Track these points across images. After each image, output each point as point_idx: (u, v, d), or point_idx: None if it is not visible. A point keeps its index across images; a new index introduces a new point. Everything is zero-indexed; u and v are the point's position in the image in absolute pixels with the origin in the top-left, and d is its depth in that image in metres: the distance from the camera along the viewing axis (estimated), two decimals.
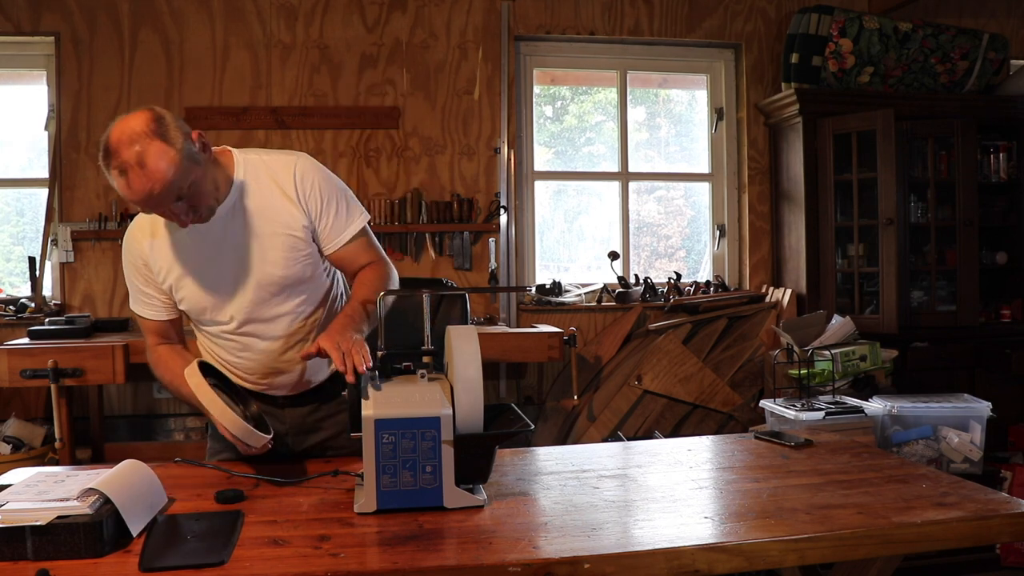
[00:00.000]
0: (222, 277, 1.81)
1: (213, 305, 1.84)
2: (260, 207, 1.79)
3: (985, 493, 1.59)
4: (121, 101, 3.93)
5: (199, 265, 1.81)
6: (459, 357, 1.54)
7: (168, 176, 1.58)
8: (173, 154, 1.60)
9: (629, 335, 4.08)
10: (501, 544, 1.35)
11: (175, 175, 1.59)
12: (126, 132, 1.59)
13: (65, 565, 1.26)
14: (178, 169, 1.60)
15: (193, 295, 1.83)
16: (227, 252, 1.80)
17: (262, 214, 1.79)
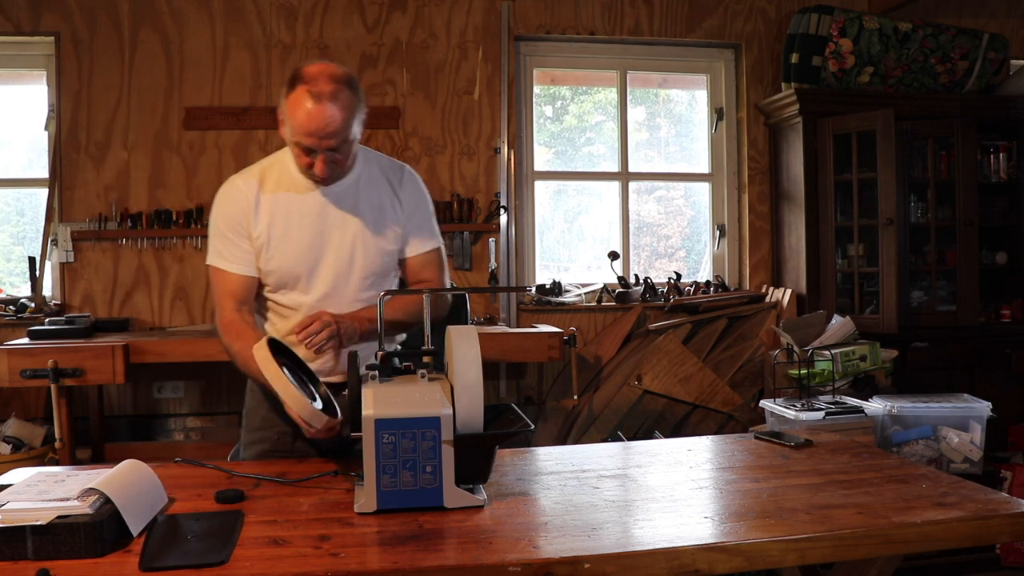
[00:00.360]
0: (320, 248, 1.89)
1: (300, 275, 1.90)
2: (372, 196, 1.93)
3: (985, 493, 1.59)
4: (121, 101, 3.93)
5: (302, 231, 1.88)
6: (459, 357, 1.54)
7: (349, 123, 1.76)
8: (357, 109, 1.79)
9: (629, 335, 4.08)
10: (501, 544, 1.35)
11: (353, 126, 1.77)
12: (329, 70, 1.76)
13: (65, 565, 1.26)
14: (353, 123, 1.77)
15: (285, 259, 1.88)
16: (333, 227, 1.89)
17: (373, 203, 1.92)
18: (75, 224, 3.89)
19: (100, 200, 3.91)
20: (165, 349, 3.33)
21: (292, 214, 1.88)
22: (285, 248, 1.88)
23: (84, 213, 3.89)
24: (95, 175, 3.92)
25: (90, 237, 3.88)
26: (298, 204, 1.88)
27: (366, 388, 1.55)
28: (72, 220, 3.89)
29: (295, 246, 1.88)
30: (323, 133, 1.74)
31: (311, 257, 1.89)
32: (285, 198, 1.88)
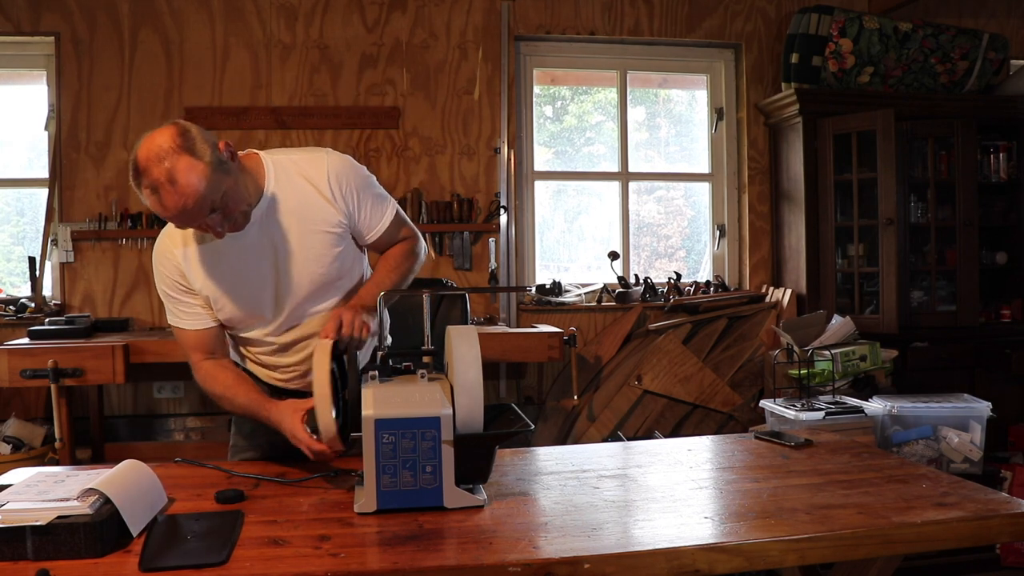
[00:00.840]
0: (263, 281, 1.81)
1: (254, 311, 1.84)
2: (296, 207, 1.79)
3: (985, 493, 1.59)
4: (121, 101, 3.93)
5: (238, 273, 1.79)
6: (459, 357, 1.54)
7: (200, 190, 1.57)
8: (202, 167, 1.59)
9: (629, 335, 4.08)
10: (501, 544, 1.35)
11: (206, 188, 1.58)
12: (153, 150, 1.58)
13: (65, 565, 1.26)
14: (209, 182, 1.59)
15: (234, 304, 1.81)
16: (266, 256, 1.80)
17: (299, 214, 1.79)
18: (75, 224, 3.89)
19: (100, 200, 3.91)
20: (165, 349, 3.33)
21: (222, 259, 1.78)
22: (228, 295, 1.80)
23: (84, 213, 3.89)
24: (95, 175, 3.91)
25: (90, 237, 3.88)
26: (225, 247, 1.77)
27: (366, 388, 1.55)
28: (72, 220, 3.89)
29: (236, 290, 1.80)
30: (186, 216, 1.60)
31: (255, 294, 1.82)
32: (209, 247, 1.78)
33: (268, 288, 1.82)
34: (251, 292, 1.82)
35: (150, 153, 1.58)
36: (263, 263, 1.80)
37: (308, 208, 1.80)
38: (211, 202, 1.60)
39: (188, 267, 1.79)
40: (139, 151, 1.60)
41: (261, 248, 1.79)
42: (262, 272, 1.81)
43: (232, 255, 1.78)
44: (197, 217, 1.61)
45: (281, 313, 1.85)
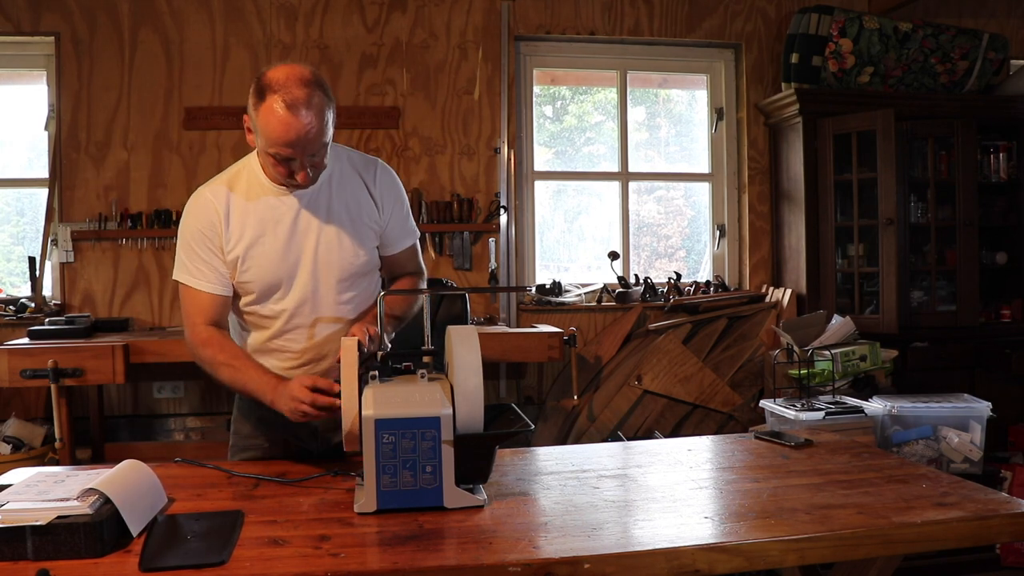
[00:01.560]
0: (297, 253, 1.82)
1: (278, 281, 1.83)
2: (346, 194, 1.85)
3: (985, 493, 1.59)
4: (121, 101, 3.93)
5: (276, 238, 1.80)
6: (459, 357, 1.54)
7: (324, 127, 1.67)
8: (330, 109, 1.69)
9: (629, 335, 4.08)
10: (501, 544, 1.35)
11: (327, 129, 1.68)
12: (296, 73, 1.65)
13: (65, 565, 1.26)
14: (328, 125, 1.68)
15: (261, 269, 1.80)
16: (308, 231, 1.82)
17: (348, 201, 1.85)
18: (75, 224, 3.89)
19: (100, 200, 3.91)
20: (165, 349, 3.33)
21: (265, 222, 1.80)
22: (260, 258, 1.80)
23: (84, 213, 3.89)
24: (95, 175, 3.91)
25: (90, 237, 3.88)
26: (271, 211, 1.80)
27: (366, 388, 1.55)
28: (72, 220, 3.89)
29: (270, 255, 1.80)
30: (302, 143, 1.64)
31: (287, 264, 1.81)
32: (256, 206, 1.79)
33: (302, 260, 1.82)
34: (285, 259, 1.81)
35: (293, 74, 1.65)
36: (304, 237, 1.82)
37: (357, 199, 1.87)
38: (322, 143, 1.68)
39: (229, 221, 1.79)
40: (276, 71, 1.66)
41: (308, 219, 1.82)
42: (300, 244, 1.82)
43: (277, 220, 1.80)
44: (308, 148, 1.66)
45: (302, 290, 1.83)
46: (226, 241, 1.79)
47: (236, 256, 1.80)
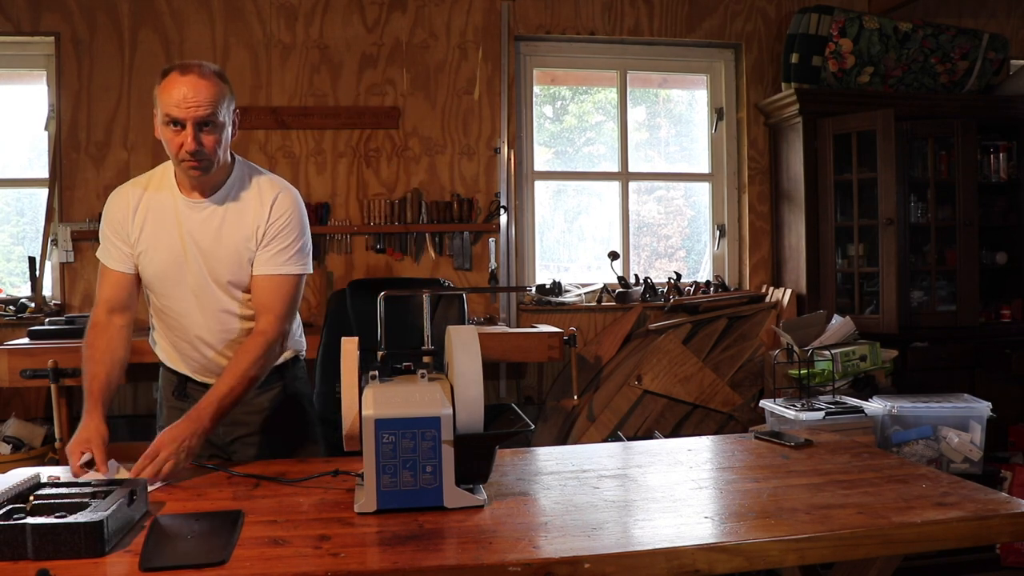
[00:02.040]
0: (184, 255, 1.95)
1: (168, 279, 1.97)
2: (242, 208, 1.96)
3: (985, 493, 1.59)
4: (121, 101, 3.93)
5: (169, 236, 1.95)
6: (459, 357, 1.54)
7: (217, 97, 1.83)
8: (226, 94, 1.88)
9: (629, 335, 4.08)
10: (501, 544, 1.35)
11: (220, 103, 1.84)
12: (199, 62, 1.88)
13: (65, 565, 1.26)
14: (222, 103, 1.85)
15: (154, 263, 1.96)
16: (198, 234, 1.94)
17: (243, 215, 1.95)
18: (75, 224, 3.88)
19: (100, 200, 3.90)
20: None
21: (163, 220, 1.95)
22: (154, 252, 1.95)
23: (84, 213, 3.89)
24: (95, 175, 3.91)
25: (90, 237, 3.88)
26: (169, 210, 1.95)
27: (366, 388, 1.55)
28: (72, 220, 3.89)
29: (163, 251, 1.95)
30: (192, 101, 1.79)
31: (175, 262, 1.95)
32: (158, 204, 1.96)
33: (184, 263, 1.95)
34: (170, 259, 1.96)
35: (198, 61, 1.88)
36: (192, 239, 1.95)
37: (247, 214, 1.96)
38: (213, 112, 1.82)
39: (135, 216, 1.96)
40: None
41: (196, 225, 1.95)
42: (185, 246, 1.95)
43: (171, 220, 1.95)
44: (196, 109, 1.80)
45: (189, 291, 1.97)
46: (132, 232, 1.97)
47: (138, 247, 1.97)
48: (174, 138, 1.84)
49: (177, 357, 2.08)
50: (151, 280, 1.99)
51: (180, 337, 2.03)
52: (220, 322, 1.99)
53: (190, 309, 1.98)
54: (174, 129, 1.83)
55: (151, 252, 1.96)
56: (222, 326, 2.00)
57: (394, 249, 4.08)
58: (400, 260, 4.10)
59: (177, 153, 1.85)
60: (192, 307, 1.98)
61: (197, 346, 2.02)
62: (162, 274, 1.97)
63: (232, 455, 2.08)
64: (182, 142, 1.82)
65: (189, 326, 2.00)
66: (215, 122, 1.84)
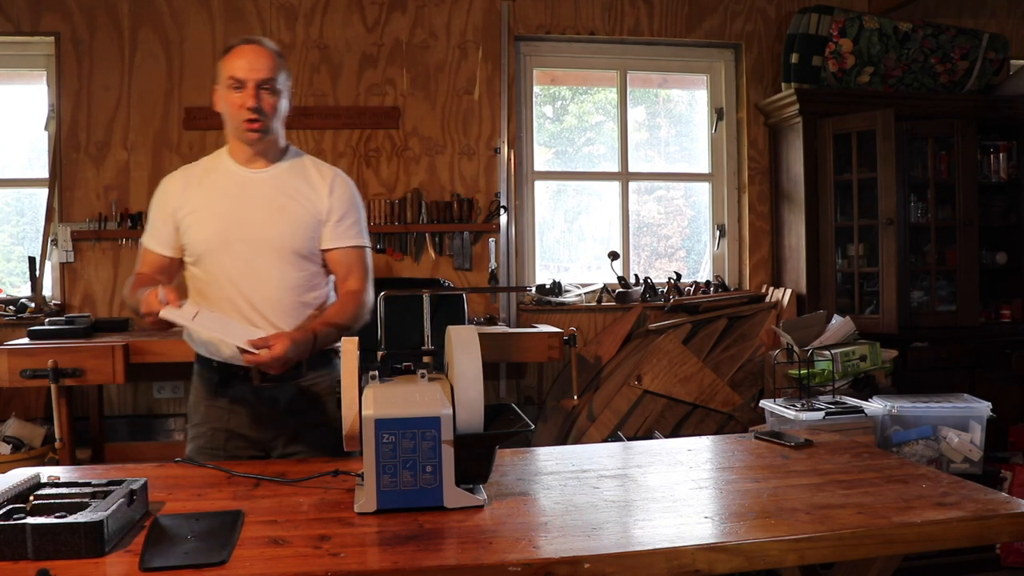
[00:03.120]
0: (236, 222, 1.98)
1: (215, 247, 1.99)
2: (299, 183, 2.03)
3: (985, 493, 1.59)
4: (121, 101, 3.93)
5: (220, 204, 2.00)
6: (459, 357, 1.54)
7: (277, 66, 1.97)
8: (285, 68, 2.02)
9: (629, 335, 4.08)
10: (501, 544, 1.35)
11: (279, 71, 1.98)
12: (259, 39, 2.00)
13: (65, 565, 1.26)
14: (281, 68, 1.99)
15: (201, 230, 1.99)
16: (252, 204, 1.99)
17: (300, 188, 2.02)
18: (75, 224, 3.89)
19: (100, 200, 3.91)
20: (165, 349, 3.32)
21: (215, 189, 2.02)
22: (206, 217, 2.00)
23: (84, 213, 3.89)
24: (95, 175, 3.92)
25: (90, 237, 3.88)
26: (223, 181, 2.03)
27: (366, 388, 1.55)
28: (72, 220, 3.89)
29: (214, 216, 1.99)
30: (254, 63, 1.93)
31: (229, 226, 1.98)
32: (212, 177, 2.04)
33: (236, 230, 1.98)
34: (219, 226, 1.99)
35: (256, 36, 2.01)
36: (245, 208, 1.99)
37: (305, 189, 2.03)
38: (272, 77, 1.95)
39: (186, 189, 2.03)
40: None
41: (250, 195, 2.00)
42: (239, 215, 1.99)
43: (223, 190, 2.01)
44: (261, 68, 1.94)
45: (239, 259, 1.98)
46: (179, 206, 2.02)
47: (181, 217, 2.01)
48: (235, 99, 1.95)
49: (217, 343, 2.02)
50: (202, 248, 2.00)
51: (227, 304, 1.98)
52: (272, 288, 1.99)
53: (243, 271, 1.98)
54: (236, 90, 1.94)
55: (204, 219, 1.99)
56: (273, 293, 1.99)
57: (394, 249, 4.08)
58: (400, 260, 4.10)
59: (238, 113, 1.95)
60: (246, 268, 1.97)
61: (243, 312, 1.98)
62: (213, 240, 1.98)
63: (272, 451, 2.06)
64: (243, 101, 1.94)
65: (239, 296, 1.98)
66: (274, 87, 1.96)
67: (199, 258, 2.01)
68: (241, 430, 2.04)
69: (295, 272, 2.01)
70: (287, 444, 2.05)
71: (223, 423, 2.05)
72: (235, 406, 2.04)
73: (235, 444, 2.04)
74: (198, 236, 2.00)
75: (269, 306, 1.99)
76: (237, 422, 2.03)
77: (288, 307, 2.00)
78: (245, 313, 1.98)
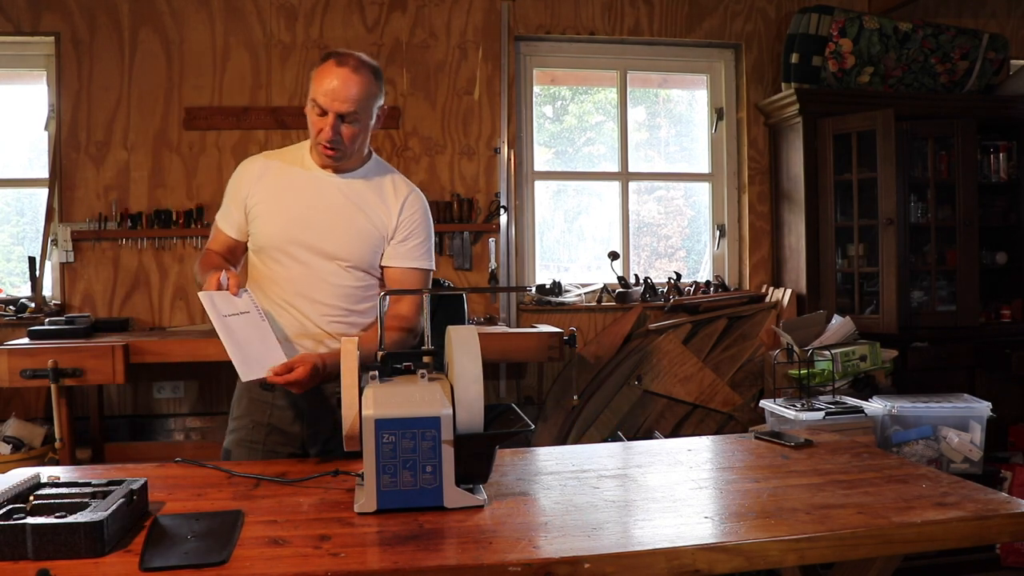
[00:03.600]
0: (304, 222, 1.98)
1: (280, 244, 1.99)
2: (372, 195, 2.02)
3: (985, 493, 1.59)
4: (121, 101, 3.93)
5: (291, 202, 2.00)
6: (459, 357, 1.54)
7: (364, 95, 1.90)
8: (376, 93, 1.94)
9: (629, 335, 4.08)
10: (501, 544, 1.35)
11: (366, 100, 1.91)
12: (362, 55, 1.95)
13: (65, 565, 1.26)
14: (368, 100, 1.92)
15: (269, 224, 2.00)
16: (322, 207, 1.99)
17: (371, 200, 2.01)
18: (75, 224, 3.88)
19: (100, 200, 3.91)
20: (165, 349, 3.33)
21: (288, 187, 2.01)
22: (276, 214, 1.99)
23: (84, 213, 3.89)
24: (95, 175, 3.91)
25: (90, 237, 3.88)
26: (297, 179, 2.01)
27: (366, 388, 1.55)
28: (72, 220, 3.89)
29: (283, 214, 1.99)
30: (337, 94, 1.87)
31: (294, 227, 1.98)
32: (288, 173, 2.03)
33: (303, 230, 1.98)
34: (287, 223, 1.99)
35: (358, 54, 1.94)
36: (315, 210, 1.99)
37: (378, 205, 2.02)
38: (354, 109, 1.89)
39: (261, 180, 2.02)
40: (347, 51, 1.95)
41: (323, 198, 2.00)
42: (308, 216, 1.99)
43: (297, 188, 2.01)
44: (345, 100, 1.88)
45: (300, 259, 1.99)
46: (251, 195, 2.02)
47: (252, 206, 2.02)
48: (317, 121, 1.92)
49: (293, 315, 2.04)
50: (265, 242, 2.01)
51: (279, 307, 2.01)
52: (326, 295, 1.99)
53: (299, 272, 1.99)
54: (318, 115, 1.91)
55: (272, 214, 2.00)
56: (326, 299, 1.99)
57: None
58: None
59: (316, 136, 1.93)
60: (302, 270, 1.98)
61: (293, 318, 2.00)
62: (277, 238, 1.99)
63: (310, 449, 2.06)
64: (322, 127, 1.91)
65: (293, 294, 2.00)
66: (357, 119, 1.91)
67: (260, 250, 2.03)
68: (282, 425, 2.04)
69: (351, 282, 2.01)
70: (326, 441, 2.03)
71: (265, 417, 2.05)
72: (278, 401, 2.04)
73: (275, 439, 2.04)
74: (263, 230, 2.01)
75: (320, 311, 1.99)
76: (279, 417, 2.04)
77: (340, 314, 2.01)
78: (295, 315, 2.00)
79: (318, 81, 1.90)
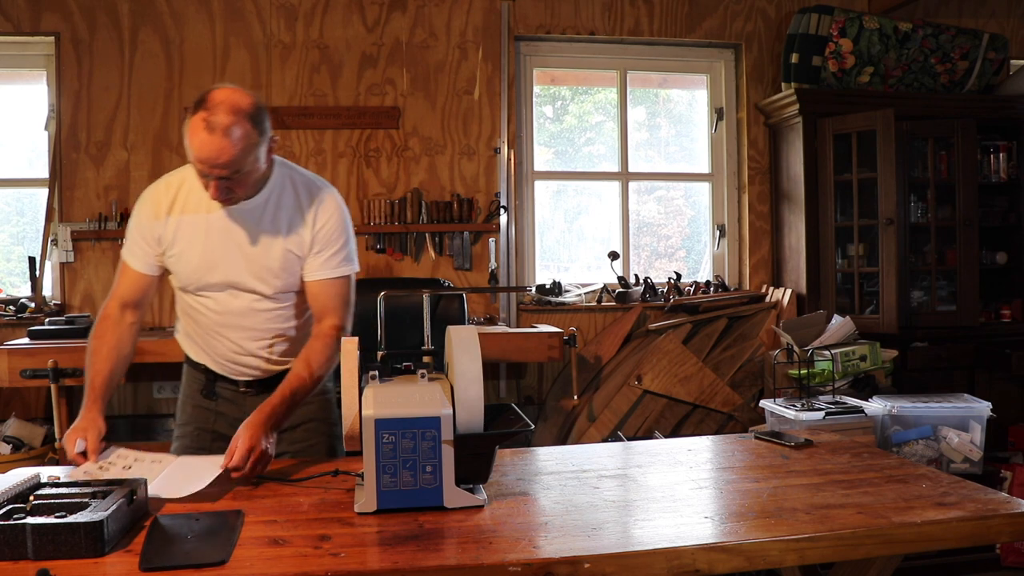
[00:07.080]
0: (215, 262, 1.92)
1: (198, 284, 1.96)
2: (280, 217, 1.93)
3: (985, 493, 1.59)
4: (121, 101, 3.93)
5: (202, 244, 1.92)
6: (459, 357, 1.54)
7: (237, 158, 1.74)
8: (254, 145, 1.77)
9: (629, 335, 4.08)
10: (501, 544, 1.35)
11: (243, 160, 1.76)
12: (233, 99, 1.75)
13: (65, 565, 1.26)
14: (248, 156, 1.76)
15: (184, 267, 1.95)
16: (235, 239, 1.91)
17: (280, 221, 1.93)
18: (75, 224, 3.88)
19: (100, 200, 3.91)
20: (165, 349, 3.32)
21: (197, 226, 1.92)
22: (190, 252, 1.93)
23: (84, 213, 3.89)
24: (95, 175, 3.91)
25: (90, 237, 3.88)
26: (203, 217, 1.92)
27: (366, 388, 1.55)
28: (72, 220, 3.89)
29: (198, 250, 1.93)
30: (213, 163, 1.74)
31: (212, 262, 1.93)
32: (195, 203, 1.92)
33: (215, 271, 1.93)
34: (200, 265, 1.94)
35: (228, 99, 1.75)
36: (232, 243, 1.92)
37: (290, 220, 1.93)
38: (236, 169, 1.76)
39: (168, 220, 1.93)
40: (219, 91, 1.77)
41: (230, 234, 1.92)
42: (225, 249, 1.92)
43: (205, 227, 1.92)
44: (217, 171, 1.75)
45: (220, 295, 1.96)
46: (163, 235, 1.94)
47: (165, 248, 1.95)
48: (201, 179, 1.82)
49: (205, 355, 2.06)
50: (185, 279, 1.97)
51: (211, 335, 2.01)
52: (255, 322, 1.98)
53: (224, 308, 1.96)
54: (201, 174, 1.79)
55: (186, 252, 1.93)
56: (257, 326, 1.98)
57: (394, 249, 4.08)
58: (400, 260, 4.09)
59: (205, 189, 1.83)
60: (227, 306, 1.96)
61: (228, 345, 2.00)
62: (197, 273, 1.94)
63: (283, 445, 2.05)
64: (207, 185, 1.80)
65: (223, 325, 1.98)
66: (241, 176, 1.79)
67: (184, 285, 2.00)
68: (227, 432, 2.00)
69: (277, 306, 1.98)
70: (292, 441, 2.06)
71: (209, 424, 2.07)
72: (222, 408, 2.06)
73: (220, 446, 1.99)
74: (178, 271, 1.96)
75: (252, 336, 1.99)
76: (223, 424, 2.04)
77: (273, 337, 2.00)
78: (229, 344, 2.00)
79: (191, 141, 1.74)
